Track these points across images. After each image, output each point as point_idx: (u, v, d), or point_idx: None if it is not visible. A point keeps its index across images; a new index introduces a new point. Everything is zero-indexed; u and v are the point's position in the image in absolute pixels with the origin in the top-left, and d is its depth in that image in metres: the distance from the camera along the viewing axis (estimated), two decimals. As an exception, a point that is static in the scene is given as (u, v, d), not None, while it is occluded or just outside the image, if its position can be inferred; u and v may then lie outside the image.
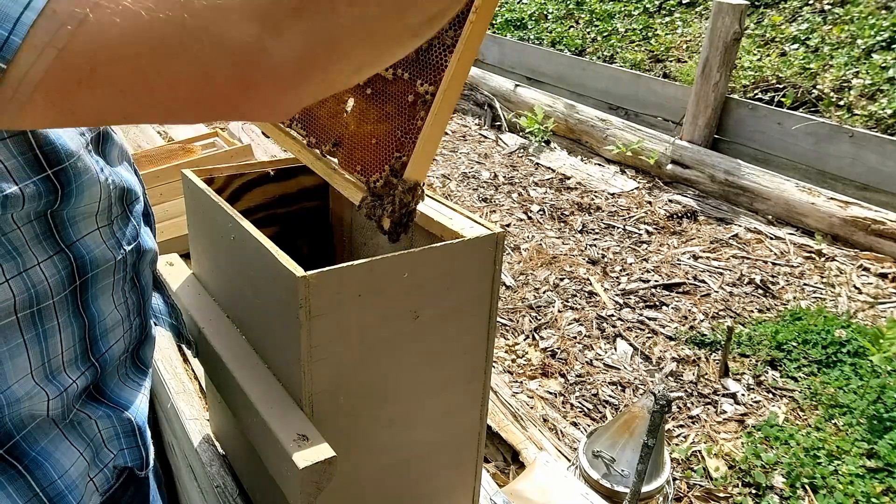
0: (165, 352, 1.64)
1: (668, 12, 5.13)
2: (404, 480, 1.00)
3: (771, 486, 2.08)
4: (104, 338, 0.70)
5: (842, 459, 2.12)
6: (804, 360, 2.59)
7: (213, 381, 1.02)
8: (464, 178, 4.28)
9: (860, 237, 3.41)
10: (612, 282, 3.18)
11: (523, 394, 2.46)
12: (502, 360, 2.65)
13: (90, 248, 0.66)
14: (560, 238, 3.59)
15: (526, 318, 2.91)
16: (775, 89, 4.14)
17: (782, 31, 4.45)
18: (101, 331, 0.69)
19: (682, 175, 4.12)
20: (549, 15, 5.75)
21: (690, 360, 2.66)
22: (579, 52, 5.27)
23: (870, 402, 2.30)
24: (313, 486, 0.72)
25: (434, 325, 0.88)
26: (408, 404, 0.92)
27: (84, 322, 0.67)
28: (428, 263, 0.83)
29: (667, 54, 4.80)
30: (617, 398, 2.48)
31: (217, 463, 1.22)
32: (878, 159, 3.50)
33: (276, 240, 0.85)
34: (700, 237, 3.59)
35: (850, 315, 2.88)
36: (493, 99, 5.24)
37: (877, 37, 4.01)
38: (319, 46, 0.44)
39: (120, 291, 0.71)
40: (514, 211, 3.89)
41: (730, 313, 2.95)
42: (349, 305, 0.79)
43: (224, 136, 2.84)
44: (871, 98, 3.82)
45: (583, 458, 1.80)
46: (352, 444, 0.88)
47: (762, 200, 3.76)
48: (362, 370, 0.84)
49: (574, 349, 2.72)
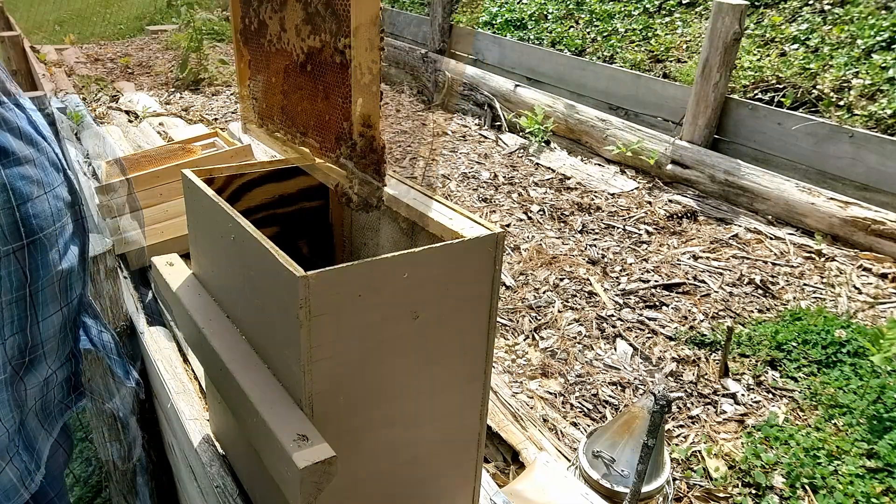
0: (165, 352, 1.64)
1: (668, 12, 5.13)
2: (404, 480, 1.00)
3: (771, 486, 2.08)
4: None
5: (842, 459, 2.12)
6: (804, 360, 2.59)
7: (212, 381, 1.02)
8: (464, 179, 4.28)
9: (860, 237, 3.41)
10: (612, 282, 3.18)
11: (523, 394, 2.46)
12: (502, 360, 2.65)
13: None
14: (560, 238, 3.59)
15: (526, 318, 2.91)
16: (775, 89, 4.14)
17: (782, 32, 4.45)
18: None
19: (682, 175, 4.12)
20: (549, 15, 5.75)
21: (690, 361, 2.66)
22: (579, 52, 5.27)
23: (870, 403, 2.30)
24: (313, 486, 0.72)
25: (434, 325, 0.88)
26: (408, 404, 0.92)
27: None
28: (428, 263, 0.83)
29: (667, 54, 4.80)
30: (617, 398, 2.48)
31: (217, 463, 1.22)
32: (878, 159, 3.50)
33: (276, 240, 0.85)
34: (700, 237, 3.59)
35: (850, 315, 2.88)
36: (493, 99, 5.24)
37: (877, 37, 4.01)
38: None
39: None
40: (514, 211, 3.89)
41: (730, 313, 2.95)
42: (349, 305, 0.79)
43: (224, 137, 2.84)
44: (871, 98, 3.82)
45: (583, 458, 1.80)
46: (352, 444, 0.88)
47: (762, 200, 3.76)
48: (362, 370, 0.84)
49: (574, 349, 2.72)
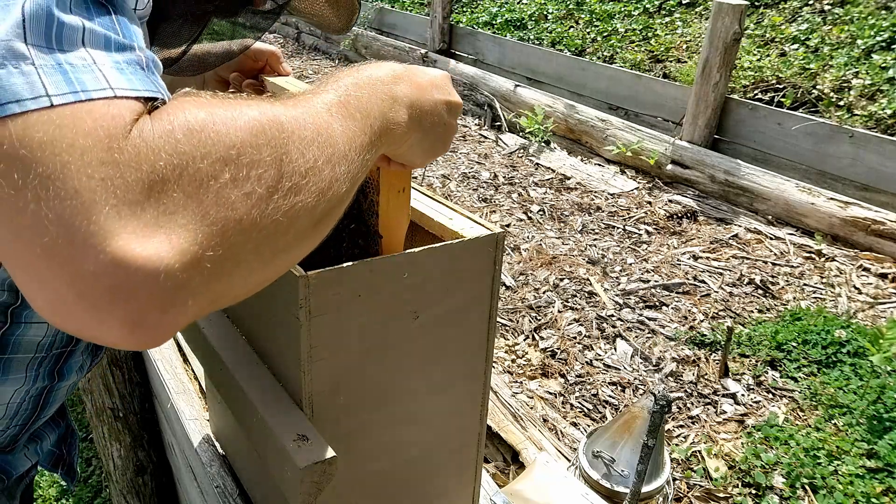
0: (165, 352, 1.64)
1: (668, 12, 5.13)
2: (404, 480, 1.00)
3: (771, 486, 2.08)
4: None
5: (842, 460, 2.12)
6: (804, 360, 2.59)
7: (212, 381, 1.02)
8: (464, 179, 4.28)
9: (860, 237, 3.41)
10: (611, 282, 3.18)
11: (523, 394, 2.46)
12: (502, 360, 2.65)
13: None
14: (560, 238, 3.59)
15: (526, 318, 2.91)
16: (775, 89, 4.14)
17: (782, 32, 4.45)
18: None
19: (682, 175, 4.12)
20: (549, 15, 5.75)
21: (690, 361, 2.66)
22: (579, 52, 5.27)
23: (870, 403, 2.30)
24: (313, 486, 0.72)
25: (434, 325, 0.88)
26: (408, 404, 0.92)
27: None
28: (428, 263, 0.83)
29: (667, 54, 4.80)
30: (617, 398, 2.48)
31: (217, 463, 1.22)
32: (878, 159, 3.50)
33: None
34: (700, 237, 3.59)
35: (850, 315, 2.88)
36: (493, 99, 5.24)
37: (877, 37, 4.01)
38: (193, 258, 0.40)
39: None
40: (514, 211, 3.89)
41: (730, 313, 2.95)
42: (349, 305, 0.79)
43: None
44: (870, 98, 3.82)
45: (583, 458, 1.80)
46: (352, 444, 0.88)
47: (762, 200, 3.76)
48: (362, 370, 0.84)
49: (574, 349, 2.72)
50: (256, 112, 0.45)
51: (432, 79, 0.69)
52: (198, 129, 0.41)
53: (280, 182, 0.44)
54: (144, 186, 0.38)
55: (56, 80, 0.39)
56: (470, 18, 6.27)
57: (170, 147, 0.40)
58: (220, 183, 0.41)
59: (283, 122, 0.46)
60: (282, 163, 0.44)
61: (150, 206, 0.38)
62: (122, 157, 0.38)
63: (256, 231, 0.43)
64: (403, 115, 0.62)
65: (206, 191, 0.40)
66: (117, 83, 0.41)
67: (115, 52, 0.43)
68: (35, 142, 0.37)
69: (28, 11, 0.40)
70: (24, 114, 0.37)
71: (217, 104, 0.44)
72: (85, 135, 0.38)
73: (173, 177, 0.39)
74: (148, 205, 0.38)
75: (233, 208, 0.41)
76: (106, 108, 0.39)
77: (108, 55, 0.42)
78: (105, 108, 0.39)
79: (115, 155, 0.38)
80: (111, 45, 0.43)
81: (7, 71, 0.38)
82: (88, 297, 0.37)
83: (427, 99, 0.67)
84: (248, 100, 0.47)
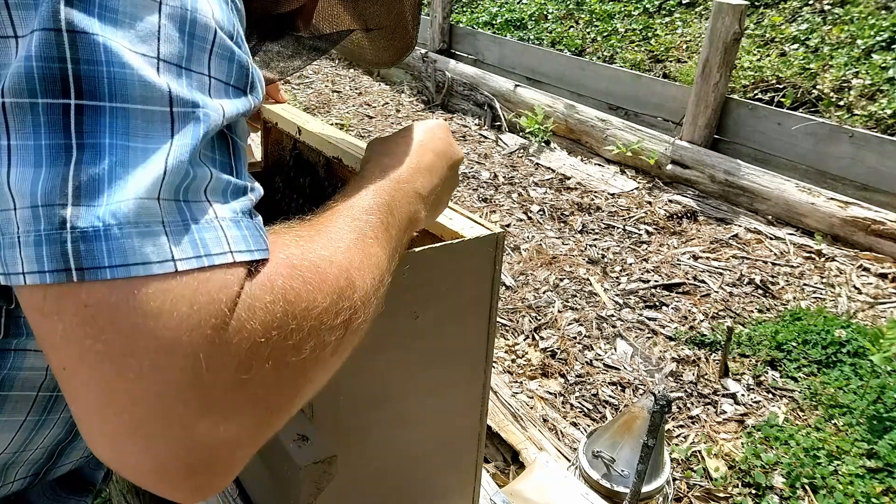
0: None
1: (668, 12, 5.14)
2: (404, 480, 1.00)
3: (771, 486, 2.08)
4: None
5: (842, 459, 2.12)
6: (804, 360, 2.59)
7: (212, 381, 1.01)
8: (464, 178, 4.28)
9: (860, 237, 3.41)
10: (612, 282, 3.18)
11: (523, 394, 2.46)
12: (502, 360, 2.65)
13: None
14: (560, 238, 3.59)
15: (526, 319, 2.91)
16: (775, 89, 4.14)
17: (782, 32, 4.45)
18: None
19: (681, 175, 4.12)
20: (549, 15, 5.75)
21: (690, 361, 2.66)
22: (579, 52, 5.27)
23: (870, 402, 2.30)
24: (313, 486, 0.72)
25: (434, 325, 0.88)
26: (408, 404, 0.92)
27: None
28: (428, 263, 0.83)
29: (667, 54, 4.81)
30: (617, 398, 2.48)
31: (217, 463, 1.22)
32: (878, 159, 3.50)
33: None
34: (700, 237, 3.59)
35: (850, 315, 2.88)
36: (493, 99, 5.24)
37: (877, 37, 4.01)
38: (264, 426, 0.42)
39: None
40: (514, 211, 3.89)
41: (730, 313, 2.95)
42: (349, 305, 0.79)
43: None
44: (870, 98, 3.82)
45: (583, 458, 1.80)
46: (352, 443, 0.88)
47: (762, 200, 3.76)
48: (362, 370, 0.84)
49: (574, 349, 2.72)
50: (336, 270, 0.46)
51: (437, 152, 0.71)
52: (292, 299, 0.41)
53: (343, 339, 0.46)
54: (241, 367, 0.38)
55: (181, 241, 0.37)
56: (470, 18, 6.27)
57: (268, 322, 0.39)
58: (301, 357, 0.42)
59: (355, 281, 0.48)
60: (350, 322, 0.47)
61: (241, 389, 0.39)
62: (225, 335, 0.37)
63: (311, 386, 0.45)
64: (423, 209, 0.67)
65: (288, 368, 0.41)
66: (235, 244, 0.40)
67: (233, 198, 0.42)
68: (151, 311, 0.35)
69: (171, 165, 0.37)
70: (146, 278, 0.36)
71: (301, 259, 0.44)
72: (199, 308, 0.37)
73: (265, 353, 0.39)
74: (240, 386, 0.38)
75: (306, 377, 0.43)
76: (223, 276, 0.38)
77: (228, 206, 0.41)
78: (222, 277, 0.38)
79: (221, 333, 0.37)
80: (229, 191, 0.42)
81: (139, 231, 0.36)
82: (165, 470, 0.37)
83: (439, 177, 0.70)
84: (322, 241, 0.48)
